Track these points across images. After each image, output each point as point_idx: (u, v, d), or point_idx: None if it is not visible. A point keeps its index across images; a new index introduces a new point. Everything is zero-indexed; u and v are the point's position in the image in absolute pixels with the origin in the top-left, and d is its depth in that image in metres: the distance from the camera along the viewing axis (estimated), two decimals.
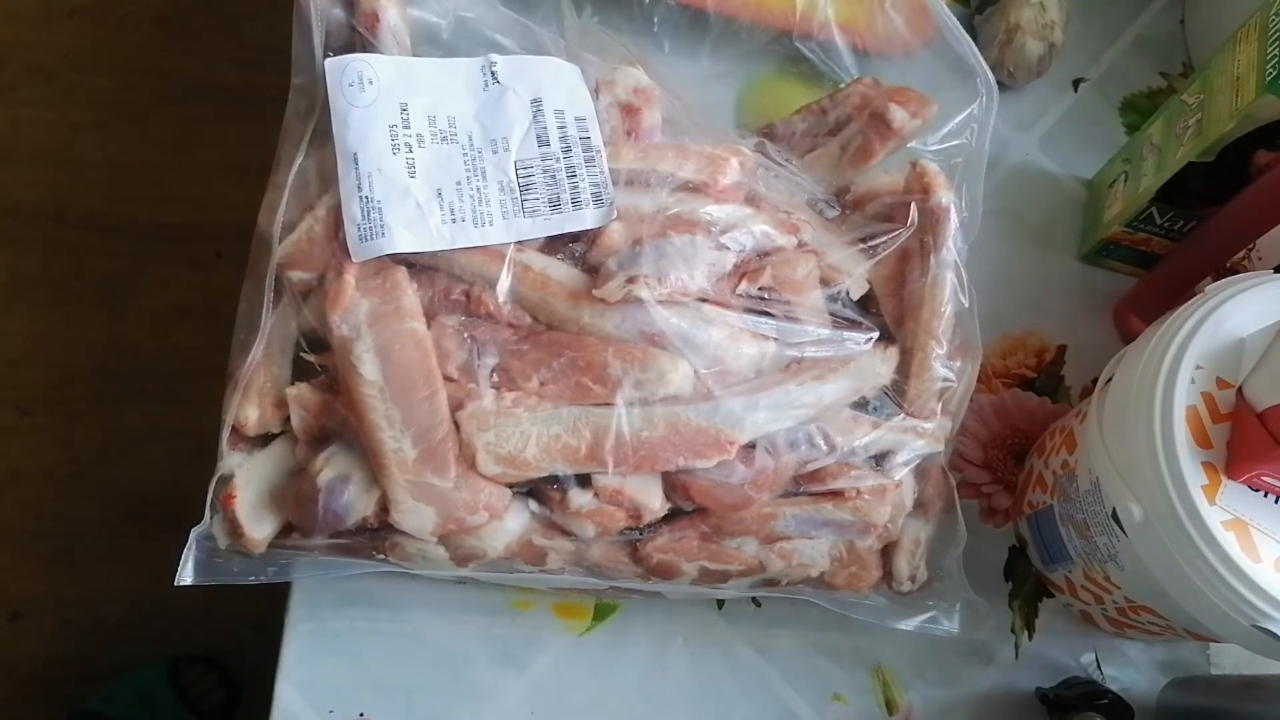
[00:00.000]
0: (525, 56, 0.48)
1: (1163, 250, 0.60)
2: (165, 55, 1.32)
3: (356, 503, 0.43)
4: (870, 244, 0.48)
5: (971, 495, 0.58)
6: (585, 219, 0.45)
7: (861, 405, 0.46)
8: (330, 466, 0.43)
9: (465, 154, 0.46)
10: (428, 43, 0.48)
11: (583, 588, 0.48)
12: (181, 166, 1.28)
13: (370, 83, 0.45)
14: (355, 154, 0.44)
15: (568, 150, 0.46)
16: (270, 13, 1.34)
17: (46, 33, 1.31)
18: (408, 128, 0.45)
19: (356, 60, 0.45)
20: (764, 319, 0.45)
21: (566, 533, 0.45)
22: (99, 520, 1.18)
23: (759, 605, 0.54)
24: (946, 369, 0.47)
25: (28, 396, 1.21)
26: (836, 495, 0.46)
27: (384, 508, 0.43)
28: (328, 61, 0.45)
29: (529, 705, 0.52)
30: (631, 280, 0.43)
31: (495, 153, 0.46)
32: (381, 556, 0.44)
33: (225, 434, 0.44)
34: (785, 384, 0.44)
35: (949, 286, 0.47)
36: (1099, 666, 0.56)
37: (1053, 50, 0.64)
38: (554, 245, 0.46)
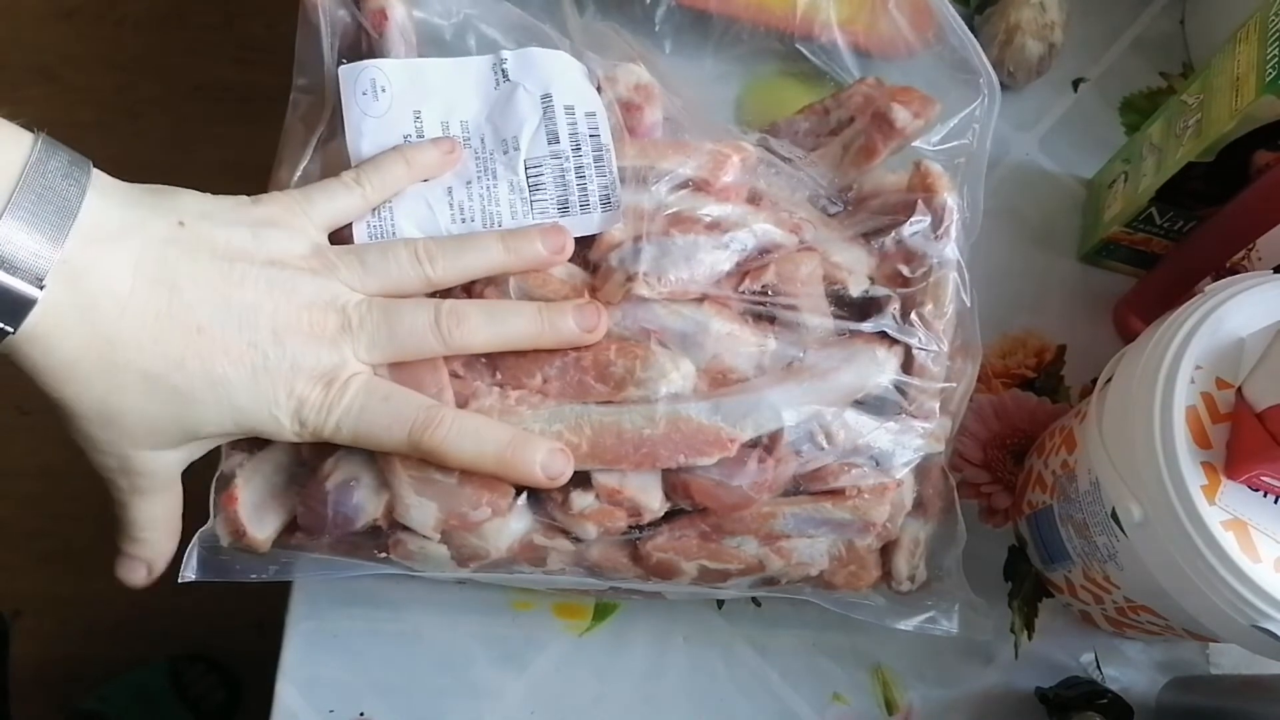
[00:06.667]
0: (535, 49, 0.47)
1: (1163, 250, 0.60)
2: (165, 55, 1.32)
3: (366, 504, 0.43)
4: (873, 241, 0.48)
5: (971, 495, 0.58)
6: (593, 222, 0.45)
7: (862, 404, 0.46)
8: (339, 469, 0.43)
9: (477, 156, 0.46)
10: (431, 43, 0.48)
11: (583, 588, 0.48)
12: (181, 166, 1.27)
13: (383, 90, 0.45)
14: None
15: (578, 148, 0.46)
16: (270, 11, 1.34)
17: (46, 33, 1.31)
18: (421, 136, 0.45)
19: (370, 67, 0.45)
20: (765, 317, 0.45)
21: (567, 533, 0.45)
22: (99, 520, 1.18)
23: (759, 605, 0.54)
24: (947, 369, 0.47)
25: (28, 396, 1.20)
26: (836, 494, 0.46)
27: (390, 507, 0.43)
28: (341, 69, 0.45)
29: (529, 705, 0.52)
30: (632, 278, 0.43)
31: (506, 153, 0.46)
32: (384, 555, 0.44)
33: None
34: (786, 382, 0.44)
35: (951, 286, 0.47)
36: (1099, 666, 0.56)
37: (1053, 50, 0.64)
38: None
